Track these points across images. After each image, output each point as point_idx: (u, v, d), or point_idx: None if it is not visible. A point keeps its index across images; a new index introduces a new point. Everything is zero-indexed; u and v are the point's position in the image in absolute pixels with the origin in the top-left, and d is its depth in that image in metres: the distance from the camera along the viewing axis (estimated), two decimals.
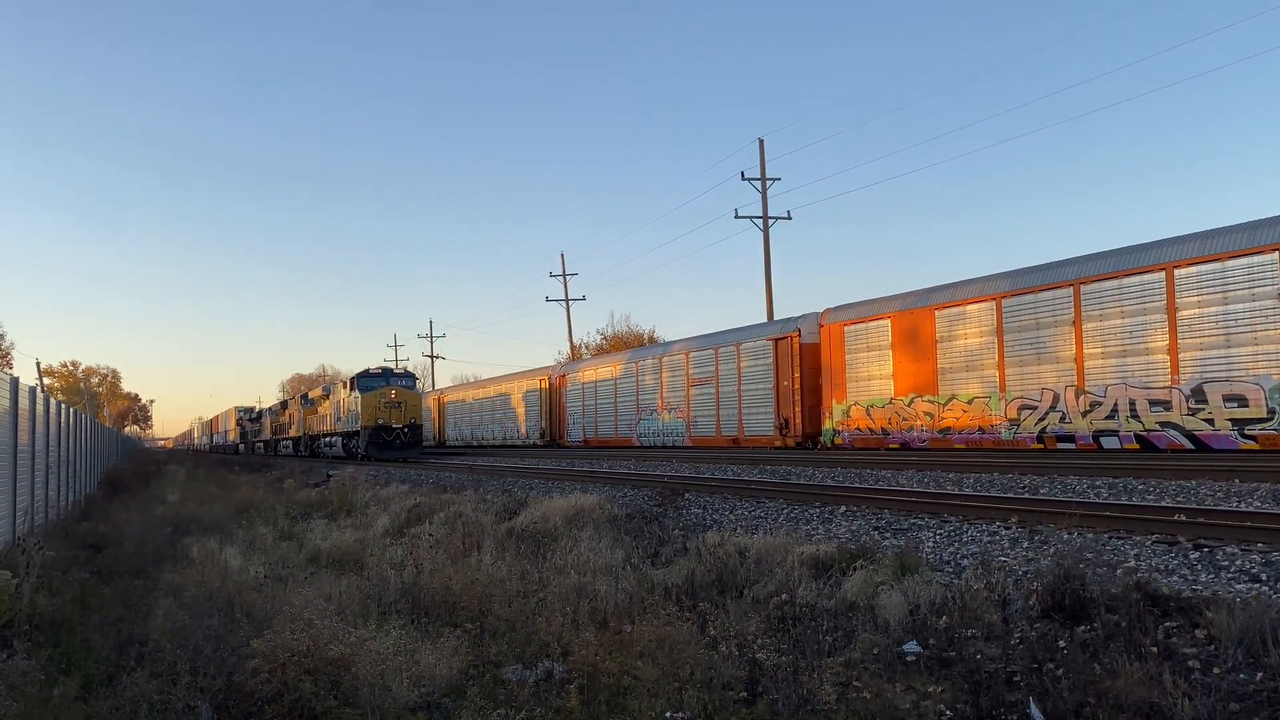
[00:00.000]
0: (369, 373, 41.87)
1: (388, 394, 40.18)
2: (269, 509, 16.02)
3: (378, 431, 39.39)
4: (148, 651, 6.06)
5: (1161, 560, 7.67)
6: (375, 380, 41.20)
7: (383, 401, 39.86)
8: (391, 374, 42.25)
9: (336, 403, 45.21)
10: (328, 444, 47.07)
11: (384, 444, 39.25)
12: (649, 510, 13.43)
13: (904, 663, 5.57)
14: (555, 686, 5.31)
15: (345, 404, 43.19)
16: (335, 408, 45.62)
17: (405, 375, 42.64)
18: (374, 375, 41.61)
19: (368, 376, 41.44)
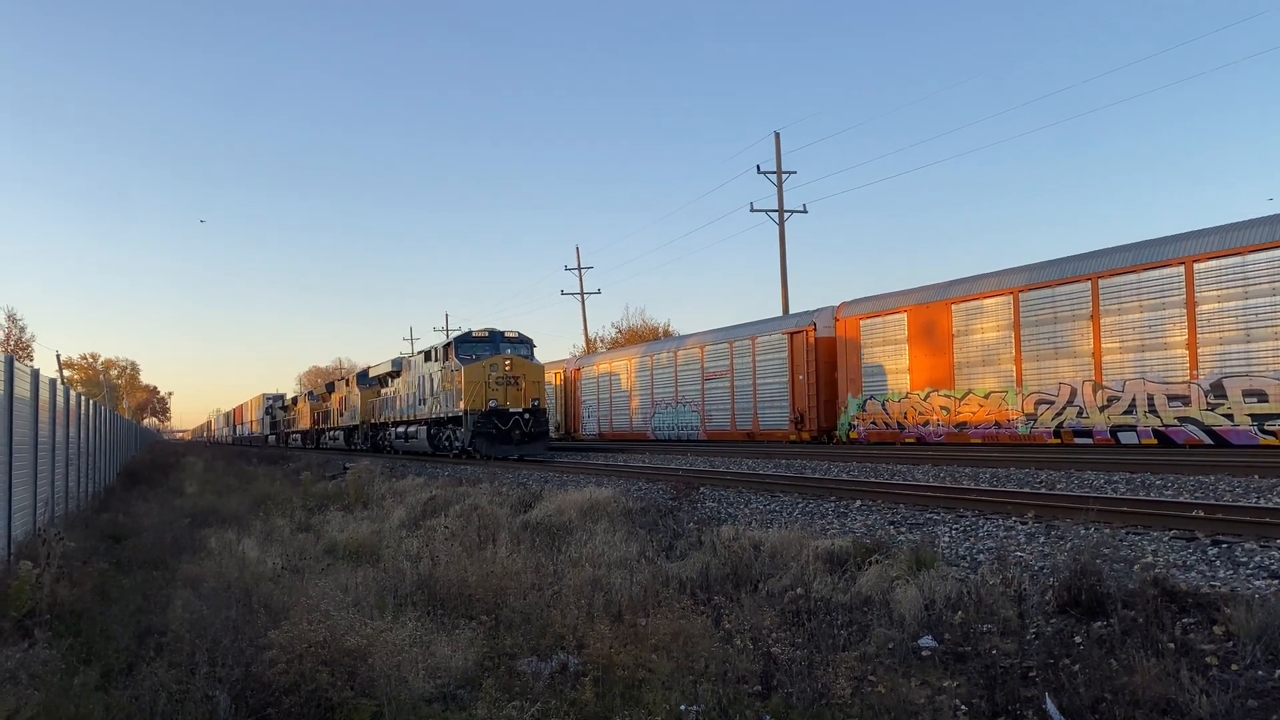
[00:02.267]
0: (470, 336, 30.26)
1: (500, 365, 28.44)
2: (286, 501, 16.11)
3: (488, 419, 27.96)
4: (166, 642, 6.11)
5: (1179, 556, 7.62)
6: (481, 347, 29.73)
7: (493, 376, 28.29)
8: (502, 338, 29.94)
9: (418, 379, 33.87)
10: (402, 435, 35.97)
11: (497, 436, 27.86)
12: (664, 504, 13.43)
13: (919, 658, 5.56)
14: (570, 679, 5.32)
15: (434, 380, 31.74)
16: (416, 386, 34.05)
17: (520, 340, 30.11)
18: (478, 340, 29.92)
19: (469, 341, 29.92)
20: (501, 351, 29.20)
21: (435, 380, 31.40)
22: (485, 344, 29.71)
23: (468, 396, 28.24)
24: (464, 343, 29.98)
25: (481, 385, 28.20)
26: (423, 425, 32.79)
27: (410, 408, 34.76)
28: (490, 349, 29.44)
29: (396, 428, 36.91)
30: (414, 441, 34.03)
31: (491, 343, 29.71)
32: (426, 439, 32.22)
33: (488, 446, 27.87)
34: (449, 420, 30.07)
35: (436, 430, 31.68)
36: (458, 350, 29.67)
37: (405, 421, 35.62)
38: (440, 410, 30.69)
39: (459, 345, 29.92)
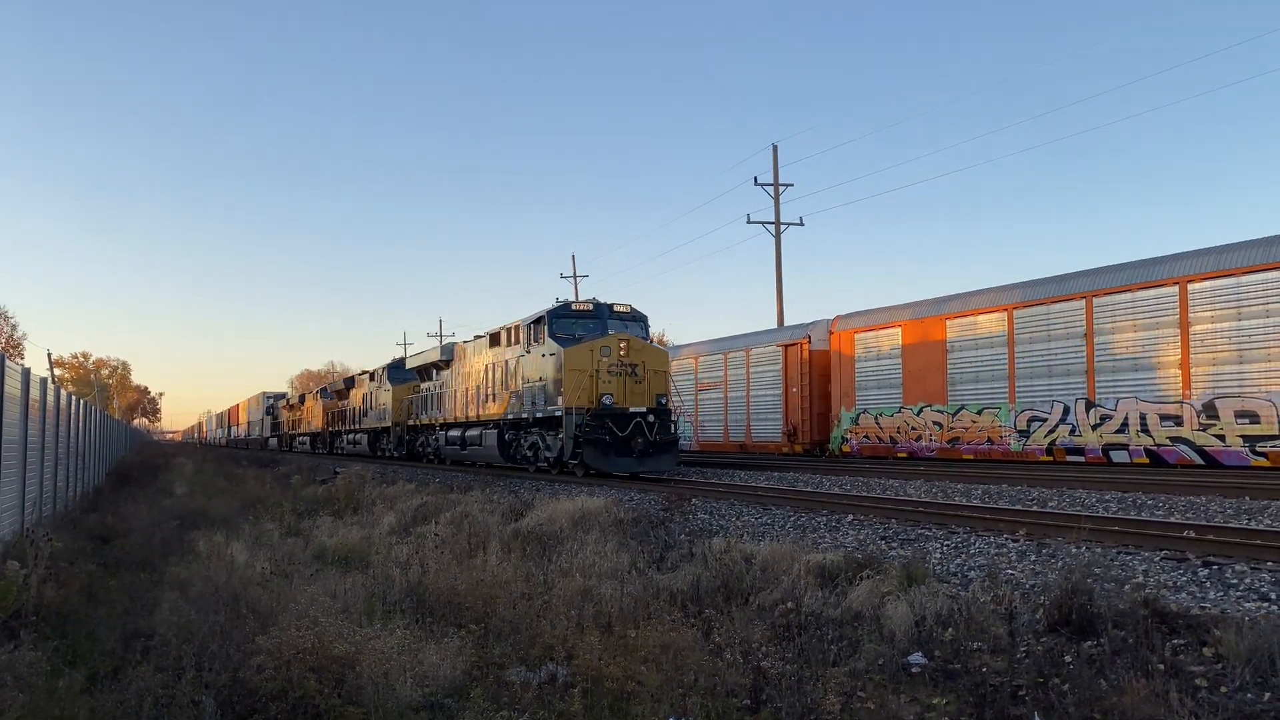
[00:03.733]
0: (569, 309, 22.87)
1: (613, 349, 21.25)
2: (275, 504, 16.05)
3: (598, 422, 20.57)
4: (153, 645, 6.06)
5: (1170, 577, 7.63)
6: (583, 323, 22.36)
7: (604, 363, 21.09)
8: (610, 312, 22.70)
9: (483, 369, 26.66)
10: (457, 440, 28.37)
11: (611, 445, 20.52)
12: (655, 515, 13.41)
13: (909, 674, 5.54)
14: (559, 690, 5.30)
15: (508, 370, 24.60)
16: (481, 378, 26.75)
17: (633, 316, 22.97)
18: (580, 315, 22.63)
19: (568, 316, 22.59)
20: (611, 330, 21.79)
21: (511, 370, 24.29)
22: (589, 320, 22.23)
23: (570, 391, 20.73)
24: (560, 317, 22.26)
25: (588, 376, 20.75)
26: (489, 429, 25.67)
27: (469, 405, 27.52)
28: (595, 327, 21.95)
29: (447, 431, 29.50)
30: (475, 449, 26.97)
31: (596, 318, 22.24)
32: (496, 446, 24.98)
33: (597, 458, 20.30)
34: (535, 423, 23.01)
35: (514, 436, 24.54)
36: (552, 328, 22.08)
37: (462, 423, 28.25)
38: (521, 409, 23.43)
39: (554, 321, 22.22)
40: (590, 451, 20.53)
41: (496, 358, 25.67)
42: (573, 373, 20.91)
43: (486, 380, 26.42)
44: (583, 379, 20.85)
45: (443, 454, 30.60)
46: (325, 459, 41.28)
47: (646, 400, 21.20)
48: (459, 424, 28.82)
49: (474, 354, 28.01)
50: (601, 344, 21.31)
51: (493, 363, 25.90)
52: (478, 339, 28.25)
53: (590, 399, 20.82)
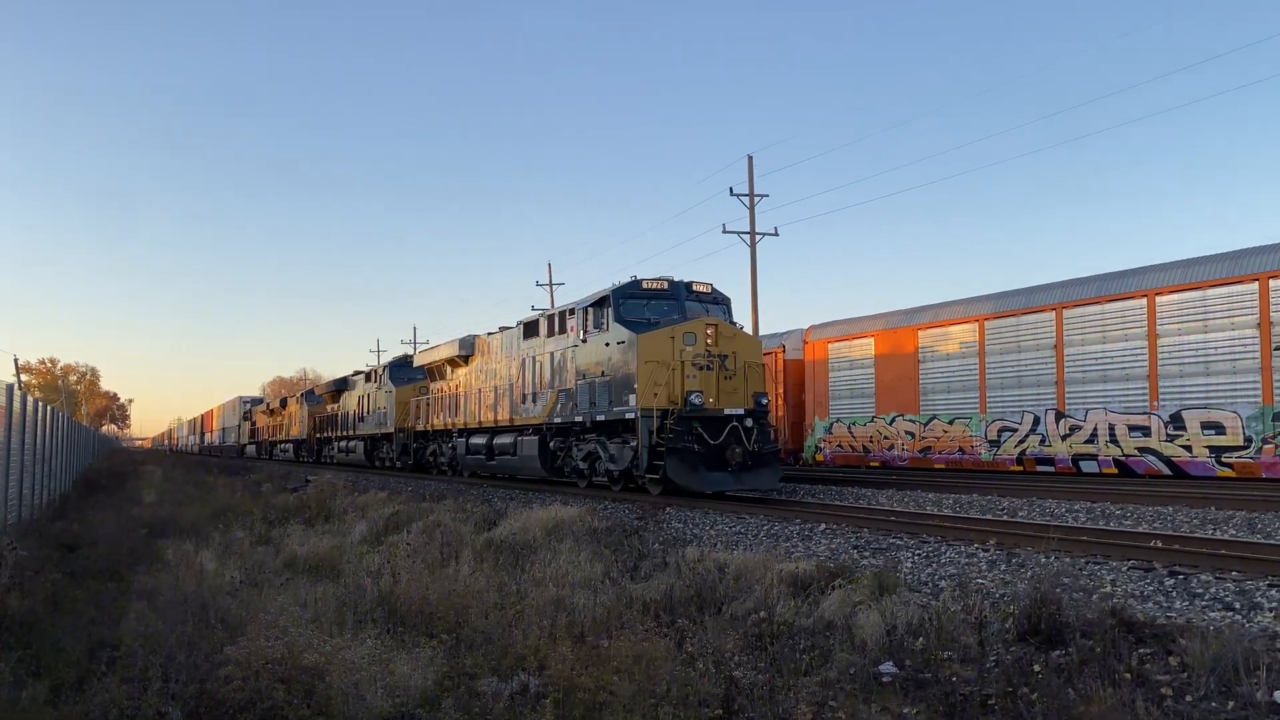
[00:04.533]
0: (639, 288, 18.16)
1: (698, 335, 17.10)
2: (246, 513, 15.91)
3: (684, 427, 16.40)
4: (119, 656, 5.99)
5: (1137, 586, 7.71)
6: (658, 305, 18.03)
7: (688, 352, 16.94)
8: (688, 291, 18.39)
9: (521, 364, 21.99)
10: (481, 449, 23.97)
11: (702, 456, 16.32)
12: (629, 524, 13.40)
13: (880, 683, 5.57)
14: (530, 700, 5.28)
15: (554, 363, 20.26)
16: (517, 375, 22.15)
17: (714, 297, 18.67)
18: (653, 294, 18.12)
19: (638, 296, 18.07)
20: (692, 314, 17.59)
21: (558, 364, 20.04)
22: (663, 301, 17.86)
23: (646, 387, 16.45)
24: (629, 297, 17.79)
25: (669, 369, 16.59)
26: (527, 435, 21.36)
27: (497, 408, 23.34)
28: (671, 309, 17.71)
29: (468, 438, 25.02)
30: (507, 460, 22.49)
31: (672, 299, 17.87)
32: (537, 457, 20.77)
33: (683, 473, 16.07)
34: (593, 428, 18.58)
35: (562, 444, 20.28)
36: (619, 310, 17.65)
37: (487, 429, 23.92)
38: (573, 411, 19.01)
39: (621, 301, 17.73)
40: (675, 464, 16.06)
41: (536, 350, 21.25)
42: (649, 365, 16.52)
43: (523, 377, 21.78)
44: (663, 373, 16.51)
45: (461, 465, 26.05)
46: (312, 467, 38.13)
47: (743, 400, 17.07)
48: (483, 429, 24.16)
49: (503, 347, 23.54)
50: (684, 329, 16.89)
51: (530, 356, 21.49)
52: (504, 330, 23.98)
53: (672, 398, 16.54)
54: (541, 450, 20.79)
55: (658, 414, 16.44)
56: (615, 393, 17.51)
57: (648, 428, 16.52)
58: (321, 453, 43.89)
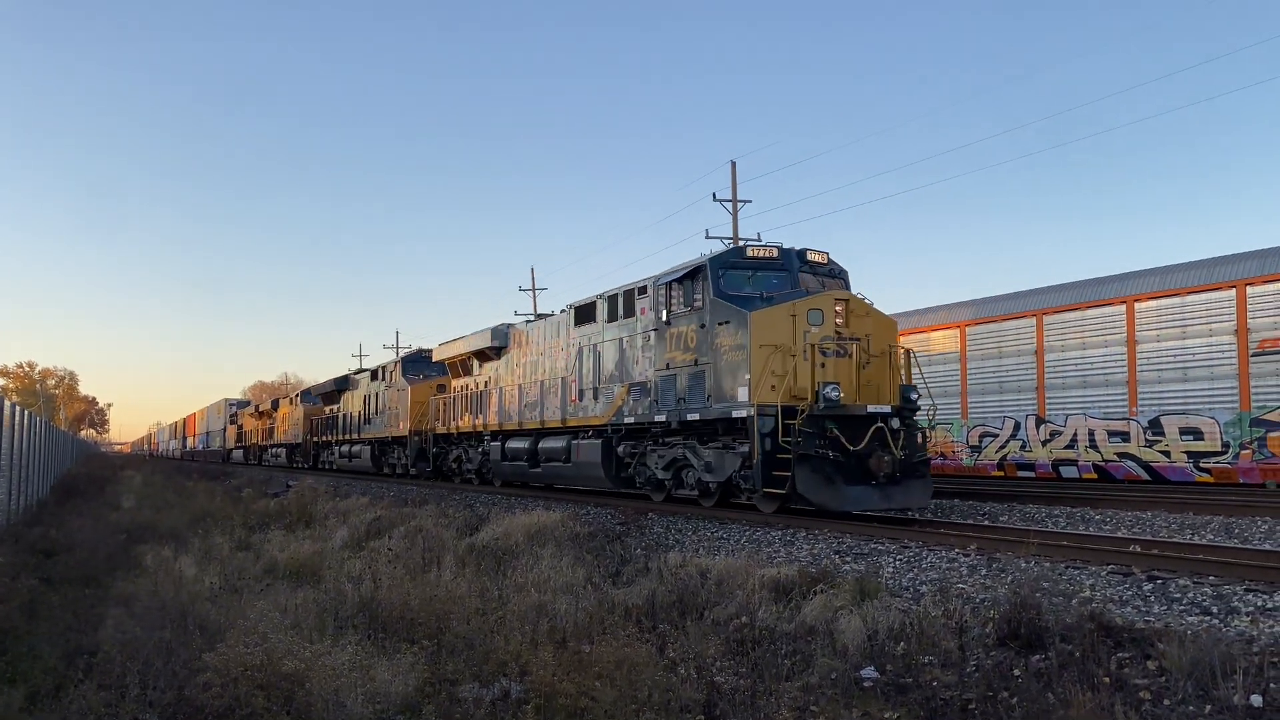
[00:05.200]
0: (743, 256, 14.92)
1: (826, 312, 13.72)
2: (226, 518, 15.81)
3: (817, 428, 12.99)
4: (96, 663, 5.95)
5: (1116, 591, 7.77)
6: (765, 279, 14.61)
7: (813, 334, 13.57)
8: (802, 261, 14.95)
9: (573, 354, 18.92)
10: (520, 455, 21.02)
11: (840, 467, 12.88)
12: (612, 529, 13.40)
13: (861, 688, 5.59)
14: (512, 706, 5.27)
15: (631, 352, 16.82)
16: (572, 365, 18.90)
17: (831, 269, 15.24)
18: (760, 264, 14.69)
19: (739, 268, 14.64)
20: (809, 289, 14.37)
21: (627, 353, 16.77)
22: (772, 273, 14.51)
23: (760, 378, 13.15)
24: (730, 267, 14.44)
25: (791, 355, 13.28)
26: (587, 438, 18.11)
27: (542, 407, 20.07)
28: (783, 282, 14.41)
29: (505, 442, 21.84)
30: (557, 467, 19.35)
31: (784, 270, 14.54)
32: (600, 464, 17.43)
33: (817, 487, 12.75)
34: (679, 429, 15.32)
35: (633, 449, 16.86)
36: (719, 284, 14.24)
37: (530, 431, 20.72)
38: (653, 410, 15.64)
39: (720, 273, 14.32)
40: (808, 476, 12.68)
41: (594, 338, 18.02)
42: (765, 350, 13.14)
43: (578, 370, 18.48)
44: (781, 360, 13.16)
45: (494, 473, 22.95)
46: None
47: (888, 395, 13.78)
48: (524, 432, 20.97)
49: (546, 336, 20.51)
50: (808, 305, 13.51)
51: (587, 345, 18.22)
52: (545, 318, 21.38)
53: (796, 391, 13.13)
54: (606, 457, 17.29)
55: (778, 412, 12.79)
56: (715, 385, 14.03)
57: (755, 431, 13.04)
58: (319, 458, 40.66)
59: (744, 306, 13.79)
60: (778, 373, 13.24)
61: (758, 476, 13.19)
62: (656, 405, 15.63)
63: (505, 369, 22.63)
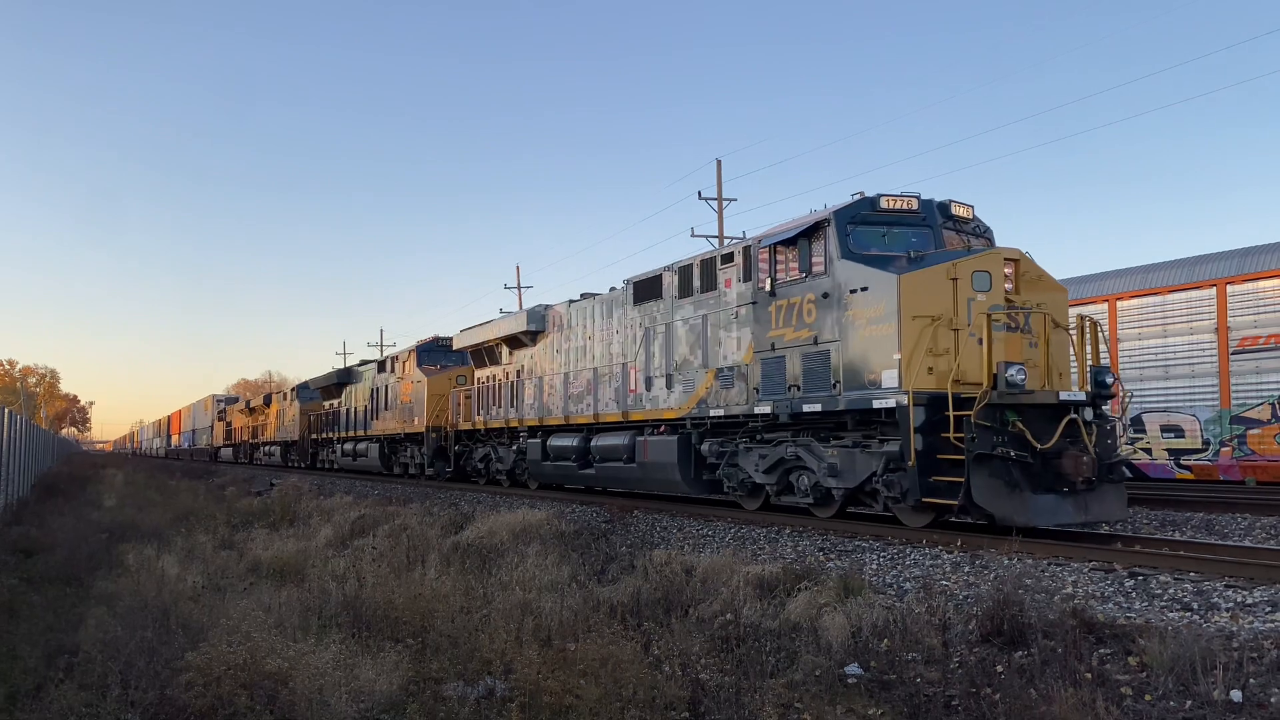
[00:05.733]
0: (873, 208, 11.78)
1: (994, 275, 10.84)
2: (209, 516, 15.72)
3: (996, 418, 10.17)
4: (77, 662, 5.91)
5: (1098, 588, 7.82)
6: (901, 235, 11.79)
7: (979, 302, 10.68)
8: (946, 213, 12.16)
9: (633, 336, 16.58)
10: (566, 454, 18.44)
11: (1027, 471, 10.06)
12: (597, 527, 13.40)
13: (845, 685, 5.61)
14: (497, 704, 5.26)
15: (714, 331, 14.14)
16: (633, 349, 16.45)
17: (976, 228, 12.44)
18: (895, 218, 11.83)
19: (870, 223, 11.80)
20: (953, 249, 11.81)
21: (711, 330, 14.20)
22: (910, 229, 11.96)
23: (911, 359, 10.69)
24: (862, 223, 11.84)
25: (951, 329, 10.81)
26: (659, 436, 15.56)
27: (596, 397, 17.57)
28: (924, 241, 11.84)
29: (548, 439, 19.21)
30: (617, 468, 16.70)
31: (924, 226, 12.00)
32: (676, 464, 14.77)
33: (1000, 495, 10.13)
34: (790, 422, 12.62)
35: (721, 448, 14.19)
36: (847, 243, 11.66)
37: (577, 425, 18.28)
38: (755, 399, 13.05)
39: (849, 230, 11.72)
40: (986, 483, 10.05)
41: (664, 316, 15.57)
42: (917, 323, 10.63)
43: (644, 354, 15.99)
44: (938, 335, 10.63)
45: (532, 474, 20.55)
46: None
47: (1071, 379, 11.68)
48: (570, 428, 18.58)
49: (596, 316, 18.02)
50: (972, 266, 10.85)
51: (656, 326, 15.76)
52: (591, 297, 18.66)
53: (961, 374, 10.40)
54: (683, 456, 14.70)
55: (941, 400, 10.16)
56: (845, 368, 11.38)
57: (907, 424, 10.33)
58: (318, 456, 38.04)
59: (885, 268, 11.13)
60: (936, 351, 10.63)
61: (913, 482, 10.36)
62: (756, 394, 12.99)
63: (543, 355, 20.09)
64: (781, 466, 12.94)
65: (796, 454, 12.61)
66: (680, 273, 15.27)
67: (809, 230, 12.18)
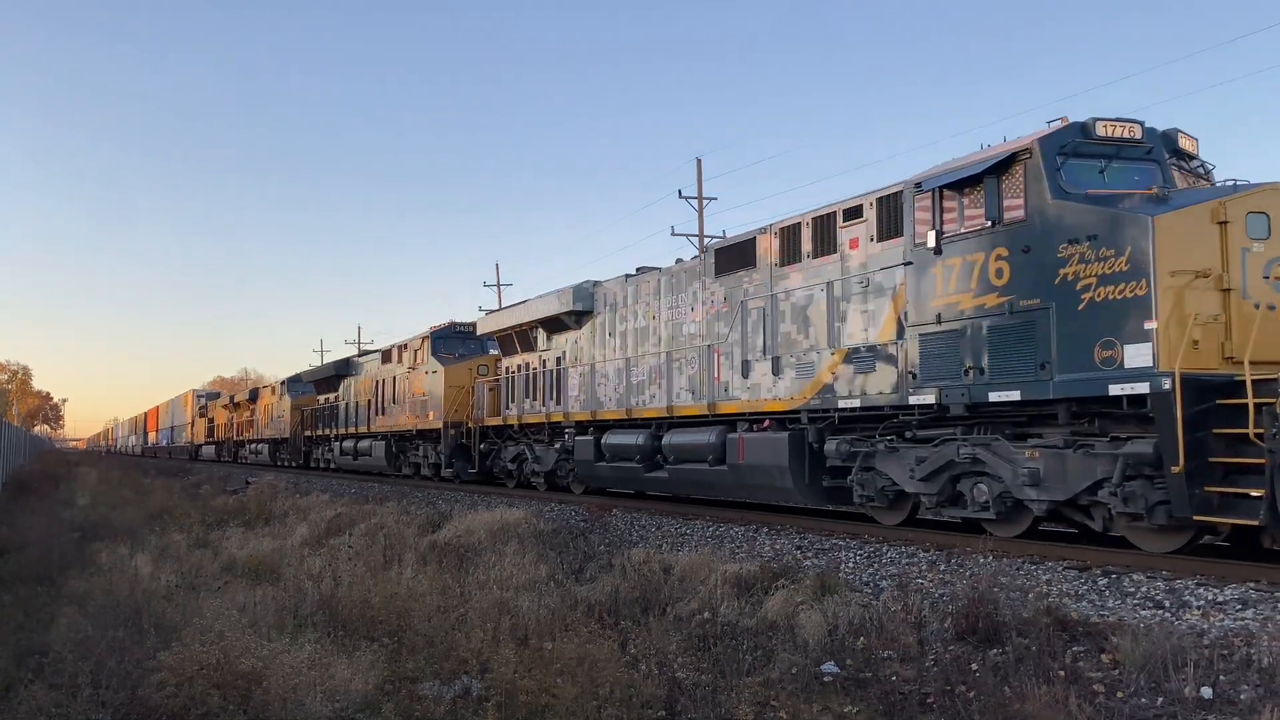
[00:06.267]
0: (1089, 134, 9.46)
1: (1269, 213, 8.41)
2: (184, 515, 15.59)
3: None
4: (48, 662, 5.84)
5: (1072, 586, 7.88)
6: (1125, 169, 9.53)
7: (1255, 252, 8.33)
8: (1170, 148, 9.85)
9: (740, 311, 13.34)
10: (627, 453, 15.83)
11: None
12: (576, 526, 13.39)
13: (821, 683, 5.63)
14: (472, 704, 5.24)
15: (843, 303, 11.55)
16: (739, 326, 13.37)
17: (1202, 163, 10.25)
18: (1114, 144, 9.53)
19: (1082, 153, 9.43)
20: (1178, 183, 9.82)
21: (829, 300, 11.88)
22: (1134, 162, 9.80)
23: (1169, 328, 8.25)
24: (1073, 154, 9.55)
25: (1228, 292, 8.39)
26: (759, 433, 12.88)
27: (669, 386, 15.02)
28: (1149, 176, 9.68)
29: (603, 435, 16.57)
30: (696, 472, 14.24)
31: (1150, 159, 9.86)
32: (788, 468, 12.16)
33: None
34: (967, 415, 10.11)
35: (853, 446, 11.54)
36: (1056, 180, 9.31)
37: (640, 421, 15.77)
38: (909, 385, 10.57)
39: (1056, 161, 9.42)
40: None
41: (760, 288, 13.06)
42: (1178, 281, 8.36)
43: (740, 333, 13.42)
44: (1203, 298, 8.44)
45: (581, 476, 18.01)
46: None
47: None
48: (633, 424, 15.97)
49: (663, 292, 15.48)
50: (1245, 205, 8.67)
51: (752, 299, 13.20)
52: (645, 272, 16.77)
53: (1233, 350, 8.39)
54: (795, 456, 12.07)
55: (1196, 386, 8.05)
56: (1062, 344, 9.00)
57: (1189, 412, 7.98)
58: (311, 455, 35.46)
59: (1124, 209, 8.89)
60: (1201, 318, 8.29)
61: (1179, 493, 7.99)
62: (911, 379, 10.47)
63: (593, 340, 17.54)
64: (947, 472, 10.31)
65: (974, 455, 9.94)
66: (782, 235, 12.72)
67: (998, 165, 9.68)
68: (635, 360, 16.09)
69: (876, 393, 11.06)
